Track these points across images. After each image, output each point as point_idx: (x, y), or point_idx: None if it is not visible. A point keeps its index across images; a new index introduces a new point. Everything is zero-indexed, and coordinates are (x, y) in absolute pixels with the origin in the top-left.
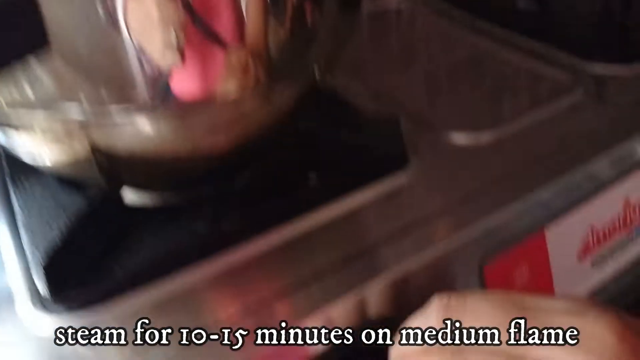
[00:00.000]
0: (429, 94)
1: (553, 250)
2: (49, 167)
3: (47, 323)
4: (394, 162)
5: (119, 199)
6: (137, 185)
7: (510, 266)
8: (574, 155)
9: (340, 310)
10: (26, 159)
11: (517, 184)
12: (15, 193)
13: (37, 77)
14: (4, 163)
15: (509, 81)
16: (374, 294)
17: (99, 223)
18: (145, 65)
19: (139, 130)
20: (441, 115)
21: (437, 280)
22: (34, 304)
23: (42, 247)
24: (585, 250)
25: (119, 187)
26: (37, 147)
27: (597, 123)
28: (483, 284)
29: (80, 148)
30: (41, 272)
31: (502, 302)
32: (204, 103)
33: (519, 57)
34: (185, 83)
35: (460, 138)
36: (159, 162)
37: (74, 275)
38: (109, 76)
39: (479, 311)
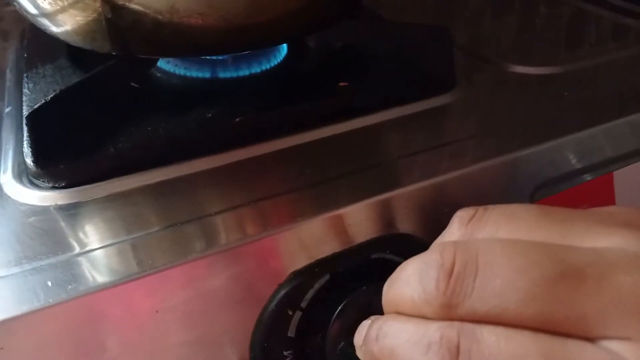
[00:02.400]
0: (484, 28)
1: (620, 197)
2: (63, 31)
3: (32, 197)
4: (440, 81)
5: (126, 75)
6: (147, 51)
7: (566, 206)
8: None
9: (352, 217)
10: (43, 25)
11: (583, 115)
12: (27, 77)
13: None
14: (25, 53)
15: (578, 24)
16: (392, 208)
17: (97, 95)
18: None
19: None
20: (498, 49)
21: None
22: (19, 178)
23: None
24: None
25: (127, 52)
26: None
27: None
28: None
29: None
30: (26, 132)
31: (541, 211)
32: None
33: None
34: None
35: (516, 69)
36: (175, 25)
37: (62, 147)
38: None
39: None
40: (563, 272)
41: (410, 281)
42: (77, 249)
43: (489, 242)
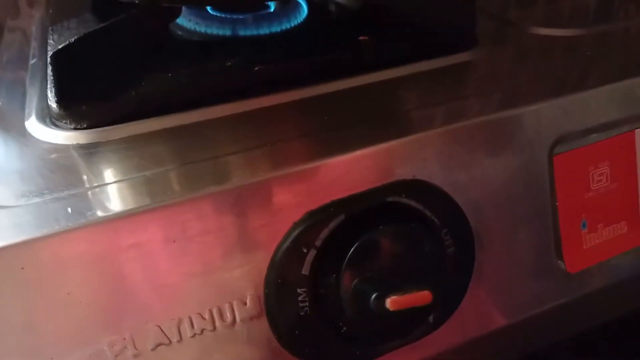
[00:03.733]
0: None
1: None
2: None
3: (54, 137)
4: (461, 39)
5: (148, 25)
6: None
7: (585, 163)
8: None
9: (368, 160)
10: None
11: (602, 72)
12: (52, 30)
13: None
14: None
15: None
16: (409, 153)
17: (120, 42)
18: None
19: None
20: (521, 12)
21: (492, 162)
22: (43, 120)
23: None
24: None
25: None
26: None
27: None
28: (551, 176)
29: None
30: (49, 71)
31: None
32: None
33: None
34: None
35: (538, 30)
36: None
37: (84, 89)
38: None
39: None
40: None
41: None
42: (96, 182)
43: None
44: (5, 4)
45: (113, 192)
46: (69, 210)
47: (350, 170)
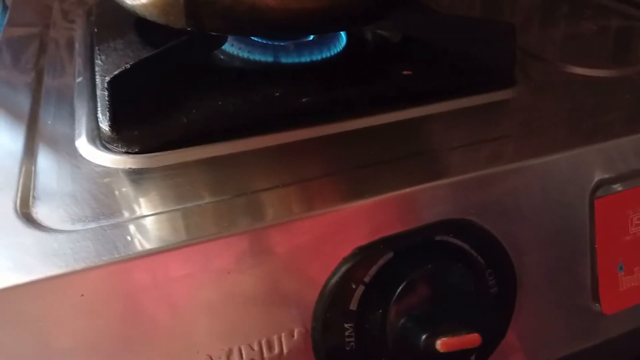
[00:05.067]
0: (545, 31)
1: None
2: (140, 4)
3: (105, 160)
4: (501, 76)
5: (196, 52)
6: (220, 28)
7: (625, 207)
8: None
9: (418, 199)
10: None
11: None
12: (99, 50)
13: None
14: (95, 28)
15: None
16: (455, 193)
17: (169, 69)
18: None
19: None
20: (557, 51)
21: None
22: (94, 141)
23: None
24: None
25: (200, 28)
26: None
27: None
28: (592, 219)
29: None
30: (106, 97)
31: None
32: None
33: None
34: None
35: (575, 70)
36: (251, 3)
37: (137, 115)
38: None
39: None
40: None
41: None
42: (151, 210)
43: None
44: (43, 15)
45: (167, 221)
46: (128, 238)
47: (399, 208)
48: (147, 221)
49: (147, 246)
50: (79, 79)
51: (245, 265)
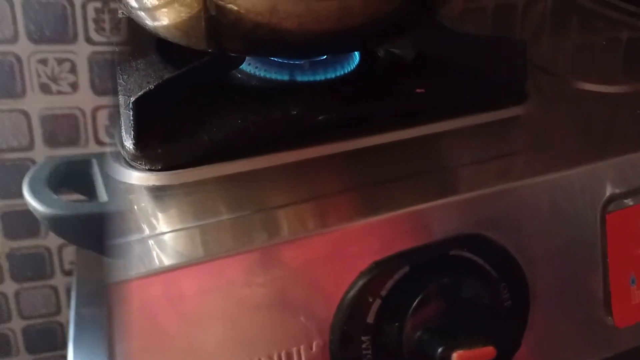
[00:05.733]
0: (556, 45)
1: None
2: (162, 26)
3: (129, 177)
4: (512, 93)
5: (216, 72)
6: (241, 50)
7: (637, 220)
8: None
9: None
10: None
11: None
12: (120, 69)
13: None
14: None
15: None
16: (470, 209)
17: (190, 88)
18: None
19: None
20: (568, 66)
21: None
22: (117, 159)
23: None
24: None
25: (221, 50)
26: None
27: None
28: (603, 233)
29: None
30: (130, 116)
31: None
32: None
33: None
34: None
35: (586, 86)
36: (272, 26)
37: (160, 133)
38: None
39: None
40: None
41: None
42: (176, 226)
43: None
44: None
45: (192, 237)
46: (154, 253)
47: (414, 224)
48: (171, 237)
49: (172, 261)
50: None
51: (265, 279)
